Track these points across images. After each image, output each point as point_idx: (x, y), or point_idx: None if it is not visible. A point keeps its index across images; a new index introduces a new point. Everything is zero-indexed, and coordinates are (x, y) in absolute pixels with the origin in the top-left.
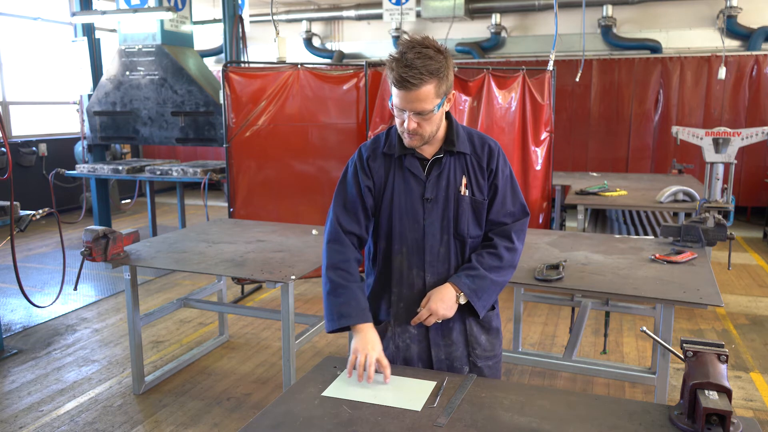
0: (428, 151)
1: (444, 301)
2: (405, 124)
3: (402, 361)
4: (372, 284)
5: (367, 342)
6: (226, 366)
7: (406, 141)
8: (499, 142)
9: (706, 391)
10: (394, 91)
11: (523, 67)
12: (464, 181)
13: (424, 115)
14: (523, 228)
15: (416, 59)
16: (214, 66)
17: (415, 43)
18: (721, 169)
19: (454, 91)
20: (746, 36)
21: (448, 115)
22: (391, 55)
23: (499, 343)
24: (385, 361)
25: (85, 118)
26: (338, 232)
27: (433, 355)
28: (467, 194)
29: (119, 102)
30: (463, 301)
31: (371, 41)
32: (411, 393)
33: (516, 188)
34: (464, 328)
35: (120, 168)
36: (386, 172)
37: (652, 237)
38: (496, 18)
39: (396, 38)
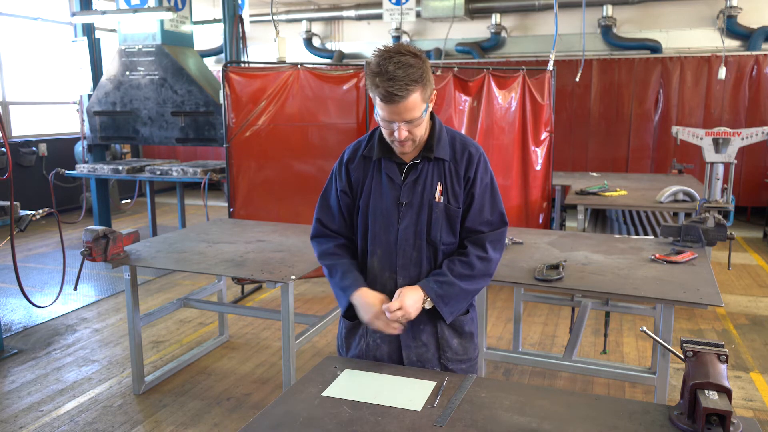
0: (407, 155)
1: (410, 298)
2: (396, 134)
3: (372, 359)
4: None
5: (368, 305)
6: (226, 366)
7: (398, 149)
8: (499, 142)
9: (706, 391)
10: (380, 104)
11: (523, 67)
12: (440, 187)
13: (413, 123)
14: (500, 238)
15: (398, 70)
16: (214, 66)
17: (392, 53)
18: (721, 169)
19: (435, 90)
20: (746, 36)
21: (432, 116)
22: (370, 70)
23: (473, 347)
24: (388, 303)
25: (85, 118)
26: (320, 229)
27: (404, 356)
28: (442, 201)
29: (119, 102)
30: (428, 306)
31: (371, 41)
32: (411, 393)
33: (496, 197)
34: (435, 330)
35: (120, 168)
36: (364, 175)
37: (652, 237)
38: (496, 18)
39: (396, 38)
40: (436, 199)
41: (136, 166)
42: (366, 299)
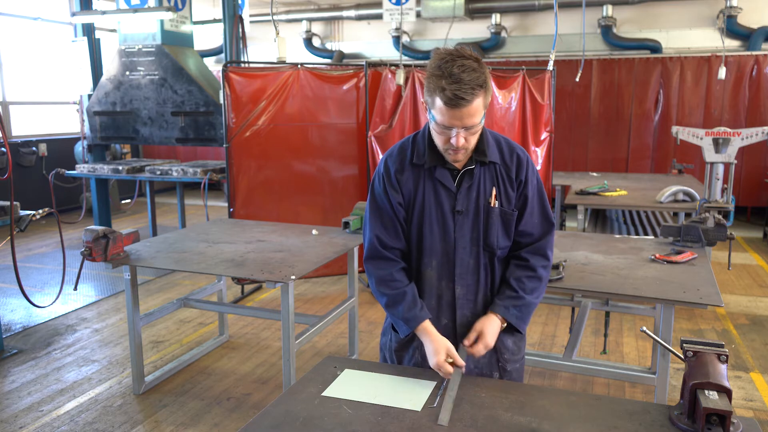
0: (460, 162)
1: (492, 333)
2: (452, 141)
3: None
4: None
5: (435, 349)
6: (226, 366)
7: (451, 157)
8: None
9: (706, 391)
10: (441, 108)
11: (523, 67)
12: (494, 192)
13: (472, 130)
14: (552, 241)
15: (463, 73)
16: (214, 66)
17: (455, 56)
18: (721, 169)
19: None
20: (746, 36)
21: None
22: (431, 72)
23: (524, 344)
24: (452, 349)
25: (85, 118)
26: (378, 249)
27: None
28: (497, 206)
29: (119, 102)
30: (504, 326)
31: (371, 41)
32: (411, 393)
33: (544, 198)
34: None
35: (120, 168)
36: (415, 184)
37: (652, 237)
38: (496, 18)
39: (396, 38)
40: (492, 204)
41: (136, 166)
42: (433, 346)
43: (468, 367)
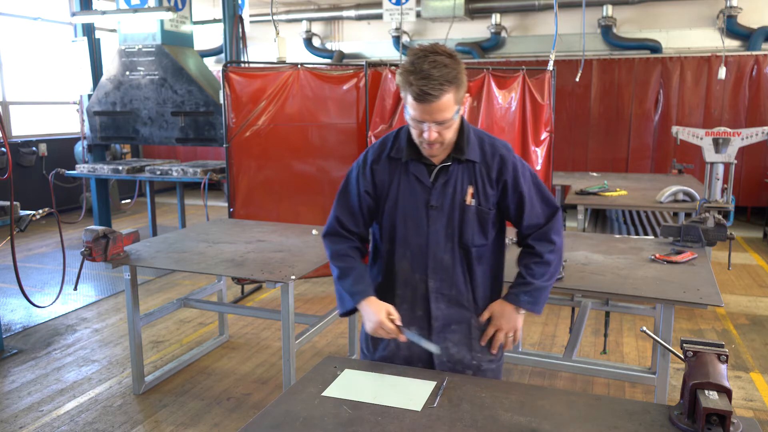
0: (436, 157)
1: (506, 317)
2: (425, 135)
3: (402, 360)
4: (377, 283)
5: (373, 314)
6: (226, 366)
7: (426, 151)
8: None
9: (706, 391)
10: (412, 103)
11: (523, 67)
12: (471, 190)
13: (444, 124)
14: (560, 224)
15: (433, 69)
16: (214, 66)
17: (428, 52)
18: (721, 169)
19: (467, 94)
20: (746, 36)
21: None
22: (403, 68)
23: (501, 346)
24: (393, 311)
25: (85, 118)
26: (337, 228)
27: (434, 358)
28: (473, 204)
29: (119, 102)
30: (521, 312)
31: (371, 41)
32: (411, 393)
33: (541, 186)
34: (468, 330)
35: (120, 168)
36: (390, 176)
37: (652, 237)
38: (496, 18)
39: (396, 38)
40: (468, 202)
41: (136, 166)
42: (373, 308)
43: (441, 359)
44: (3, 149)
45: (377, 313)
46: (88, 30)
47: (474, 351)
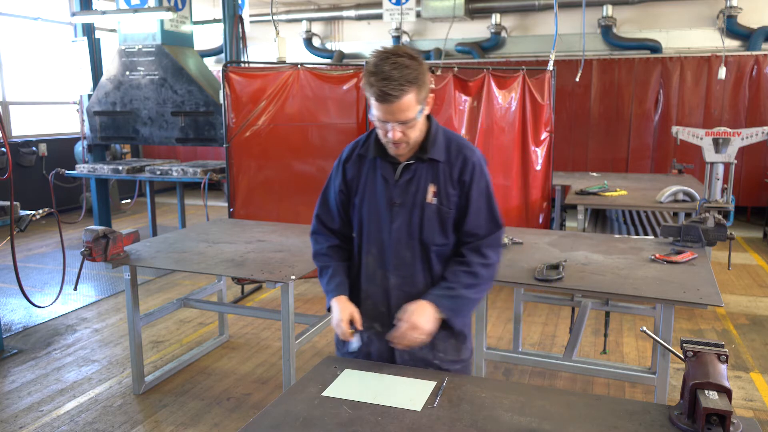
0: (402, 156)
1: (423, 316)
2: (389, 135)
3: (364, 356)
4: (353, 277)
5: (336, 313)
6: (226, 366)
7: (392, 150)
8: (499, 142)
9: (706, 391)
10: (375, 104)
11: (523, 67)
12: (432, 189)
13: (407, 124)
14: (498, 242)
15: (393, 70)
16: (214, 66)
17: (389, 54)
18: (721, 169)
19: (432, 94)
20: (746, 36)
21: (428, 117)
22: (366, 69)
23: (466, 348)
24: (356, 315)
25: (85, 118)
26: (318, 227)
27: (396, 355)
28: (434, 202)
29: (119, 102)
30: (439, 316)
31: (371, 41)
32: (411, 393)
33: (491, 200)
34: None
35: (120, 168)
36: (360, 174)
37: (652, 237)
38: (496, 18)
39: (396, 38)
40: (428, 200)
41: (136, 166)
42: (339, 307)
43: (403, 358)
44: (3, 149)
45: (338, 314)
46: (88, 30)
47: (436, 350)
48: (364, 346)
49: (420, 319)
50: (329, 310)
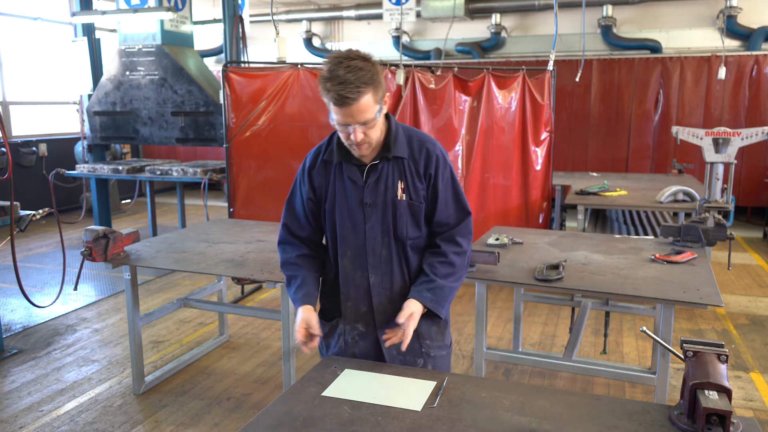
0: (366, 157)
1: (416, 319)
2: (352, 137)
3: (351, 356)
4: (327, 282)
5: (299, 319)
6: (226, 366)
7: (356, 152)
8: (499, 142)
9: (706, 391)
10: (334, 108)
11: (523, 67)
12: (401, 185)
13: (368, 124)
14: (468, 229)
15: (348, 74)
16: (214, 66)
17: (342, 58)
18: (721, 169)
19: (388, 93)
20: (746, 36)
21: (387, 116)
22: (321, 75)
23: (449, 333)
24: (312, 321)
25: (85, 118)
26: (286, 236)
27: (384, 352)
28: (404, 198)
29: (119, 102)
30: (425, 309)
31: (371, 41)
32: (411, 393)
33: (458, 189)
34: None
35: (120, 168)
36: (326, 179)
37: (652, 237)
38: (496, 18)
39: (396, 38)
40: (399, 197)
41: (136, 166)
42: (299, 317)
43: (391, 353)
44: (3, 149)
45: (298, 323)
46: (88, 30)
47: (422, 339)
48: (348, 347)
49: (412, 324)
50: (320, 312)
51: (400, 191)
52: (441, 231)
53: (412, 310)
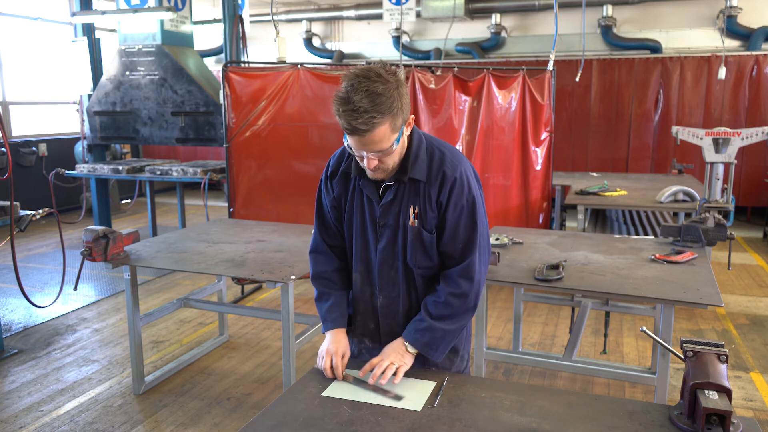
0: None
1: (393, 349)
2: (365, 162)
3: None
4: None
5: (331, 344)
6: (226, 366)
7: (370, 174)
8: (499, 142)
9: (706, 391)
10: (347, 134)
11: (523, 67)
12: (414, 210)
13: (384, 152)
14: (473, 269)
15: (363, 100)
16: (214, 66)
17: (361, 78)
18: (721, 169)
19: (412, 115)
20: (746, 36)
21: (412, 133)
22: (336, 93)
23: (459, 359)
24: (340, 351)
25: (85, 118)
26: (320, 243)
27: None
28: (416, 225)
29: (119, 102)
30: (413, 351)
31: (371, 41)
32: (411, 393)
33: (472, 222)
34: None
35: (120, 168)
36: (346, 189)
37: (652, 237)
38: (496, 18)
39: (396, 38)
40: (411, 223)
41: (136, 166)
42: (331, 340)
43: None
44: (3, 149)
45: (328, 346)
46: (88, 30)
47: (428, 365)
48: (353, 357)
49: (393, 357)
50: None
51: (412, 216)
52: (448, 264)
53: (393, 349)
